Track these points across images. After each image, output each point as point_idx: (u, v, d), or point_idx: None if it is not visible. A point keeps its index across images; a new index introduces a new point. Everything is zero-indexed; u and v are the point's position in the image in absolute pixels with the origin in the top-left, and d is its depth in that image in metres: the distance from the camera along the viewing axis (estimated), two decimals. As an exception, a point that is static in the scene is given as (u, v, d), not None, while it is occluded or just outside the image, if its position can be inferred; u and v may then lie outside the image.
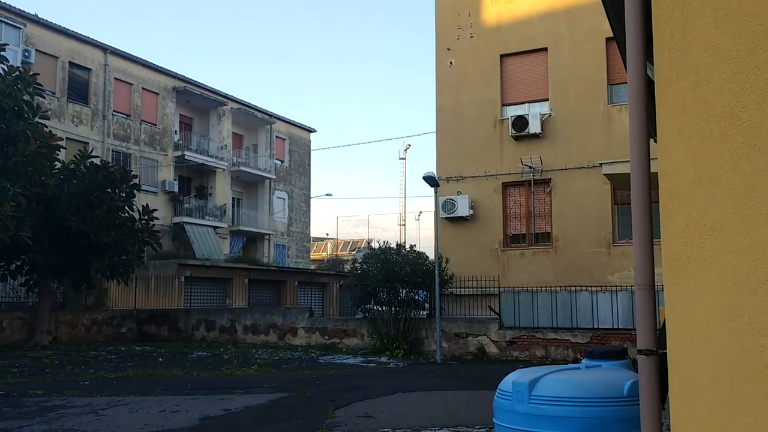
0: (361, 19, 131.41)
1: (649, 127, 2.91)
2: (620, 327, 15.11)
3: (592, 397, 3.78)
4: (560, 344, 15.31)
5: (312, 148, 45.53)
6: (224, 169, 36.62)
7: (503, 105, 19.65)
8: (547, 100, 19.15)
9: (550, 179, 18.73)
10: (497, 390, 4.16)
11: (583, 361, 4.32)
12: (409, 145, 61.15)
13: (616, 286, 16.23)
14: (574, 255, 18.04)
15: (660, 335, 2.81)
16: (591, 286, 16.08)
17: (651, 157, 2.92)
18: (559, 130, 18.75)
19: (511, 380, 4.03)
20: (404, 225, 57.94)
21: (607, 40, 17.89)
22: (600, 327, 15.34)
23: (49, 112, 19.13)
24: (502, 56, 19.75)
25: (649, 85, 2.90)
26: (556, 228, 18.55)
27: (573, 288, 16.05)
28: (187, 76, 34.93)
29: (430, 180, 15.73)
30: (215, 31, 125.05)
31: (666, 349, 2.43)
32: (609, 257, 17.75)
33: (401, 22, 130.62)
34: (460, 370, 13.63)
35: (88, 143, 27.75)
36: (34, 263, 17.88)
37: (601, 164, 15.69)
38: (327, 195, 52.94)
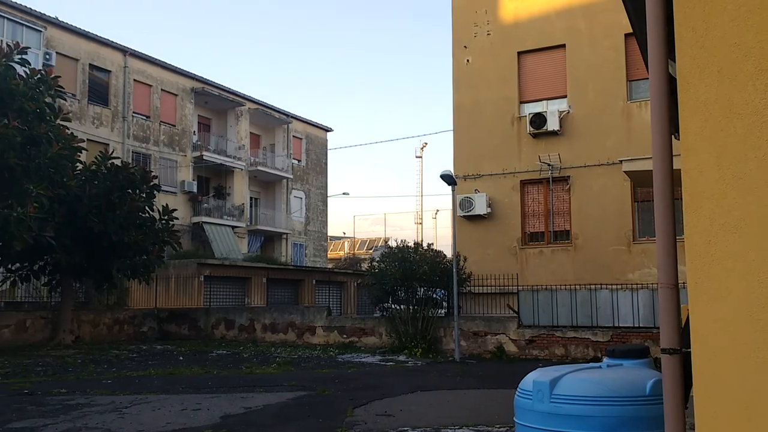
0: (377, 17, 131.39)
1: (671, 124, 2.89)
2: (641, 325, 15.00)
3: (614, 396, 3.76)
4: (580, 343, 15.22)
5: (329, 148, 45.70)
6: (242, 169, 36.82)
7: (521, 102, 19.56)
8: (565, 97, 19.04)
9: (568, 177, 18.62)
10: (518, 389, 4.15)
11: (605, 359, 4.30)
12: (426, 144, 60.95)
13: (636, 284, 16.10)
14: (594, 253, 17.92)
15: (683, 334, 2.79)
16: (611, 284, 15.97)
17: (673, 154, 2.90)
18: (578, 127, 18.63)
19: (531, 379, 4.02)
20: (421, 223, 57.91)
21: (626, 35, 17.75)
22: (620, 325, 15.23)
23: (71, 114, 19.35)
24: (519, 53, 19.66)
25: (670, 82, 2.88)
26: (575, 226, 18.44)
27: (593, 286, 15.94)
28: (205, 77, 35.19)
29: (447, 178, 15.71)
30: (232, 31, 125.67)
31: (689, 347, 2.41)
32: (629, 255, 17.61)
33: (417, 20, 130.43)
34: (479, 369, 13.60)
35: (108, 144, 28.04)
36: (57, 263, 18.10)
37: (621, 161, 15.57)
38: (344, 194, 53.07)
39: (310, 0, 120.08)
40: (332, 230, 52.20)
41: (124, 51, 30.80)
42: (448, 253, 19.09)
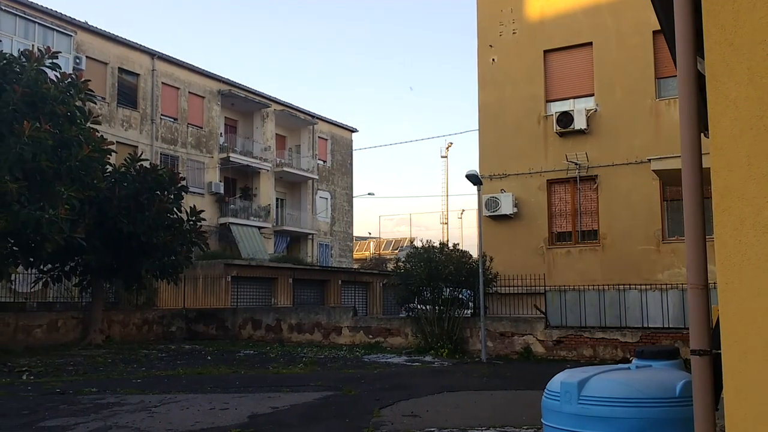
0: (402, 17, 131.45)
1: (700, 123, 2.86)
2: (670, 326, 14.80)
3: (643, 397, 3.72)
4: (609, 344, 15.06)
5: (354, 148, 45.83)
6: (268, 170, 37.09)
7: (547, 101, 19.42)
8: (592, 95, 18.86)
9: (596, 176, 18.44)
10: (545, 390, 4.13)
11: (634, 360, 4.25)
12: (451, 143, 60.95)
13: (666, 284, 15.88)
14: (623, 253, 17.73)
15: (713, 335, 2.76)
16: (640, 285, 15.77)
17: (702, 153, 2.86)
18: (606, 125, 18.45)
19: (559, 380, 4.00)
20: (447, 223, 57.82)
21: (654, 33, 17.54)
22: (650, 326, 15.04)
23: (100, 117, 19.63)
24: (545, 52, 19.52)
25: (699, 79, 2.84)
26: (603, 225, 18.26)
27: (621, 286, 15.77)
28: (231, 79, 35.52)
29: (472, 178, 15.65)
30: (258, 33, 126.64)
31: (720, 349, 2.38)
32: (658, 255, 17.38)
33: (442, 19, 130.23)
34: (506, 370, 13.52)
35: (137, 147, 28.46)
36: (88, 264, 18.39)
37: (649, 160, 15.39)
38: (369, 194, 53.18)
39: (335, 1, 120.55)
40: (358, 230, 52.38)
41: (152, 54, 31.21)
42: (474, 253, 19.02)
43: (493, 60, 20.18)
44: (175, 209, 19.17)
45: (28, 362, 14.10)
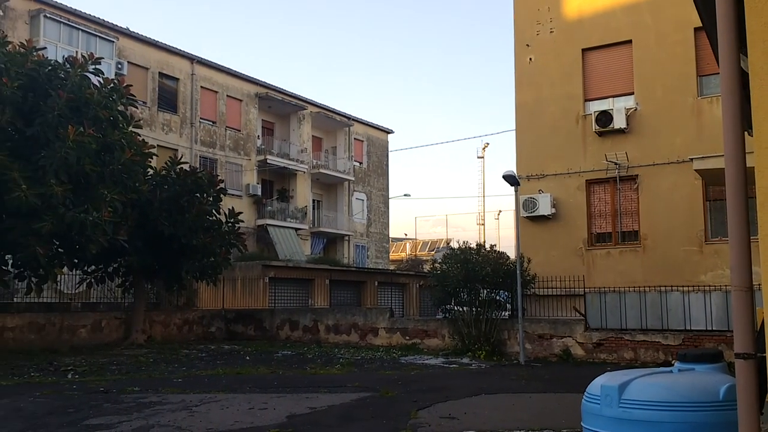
0: (437, 17, 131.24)
1: (743, 121, 2.80)
2: (714, 328, 14.46)
3: (686, 401, 3.66)
4: (650, 346, 14.79)
5: (390, 149, 45.90)
6: (305, 172, 37.38)
7: (586, 100, 19.19)
8: (632, 93, 18.56)
9: (636, 175, 18.15)
10: (585, 393, 4.09)
11: (676, 364, 4.19)
12: (488, 144, 60.57)
13: (709, 285, 15.54)
14: (664, 254, 17.40)
15: (758, 338, 2.70)
16: (682, 286, 15.45)
17: (746, 152, 2.80)
18: (646, 124, 18.14)
19: (599, 383, 3.95)
20: (483, 224, 57.49)
21: (696, 30, 17.21)
22: (692, 329, 14.72)
23: (142, 121, 20.02)
24: (584, 50, 19.29)
25: (742, 77, 2.78)
26: (644, 226, 17.95)
27: (663, 288, 15.46)
28: (268, 82, 35.91)
29: (510, 179, 15.53)
30: (293, 36, 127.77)
31: (765, 352, 2.33)
32: (701, 256, 17.03)
33: (479, 19, 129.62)
34: (545, 373, 13.38)
35: (177, 150, 28.95)
36: (130, 265, 18.77)
37: (691, 159, 15.06)
38: (405, 195, 53.14)
39: (369, 2, 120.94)
40: (394, 232, 52.46)
41: (192, 59, 31.73)
42: (512, 254, 18.88)
43: (531, 59, 20.02)
44: (214, 211, 19.45)
45: (73, 361, 14.46)
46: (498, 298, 17.16)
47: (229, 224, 19.98)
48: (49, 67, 15.15)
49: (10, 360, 14.48)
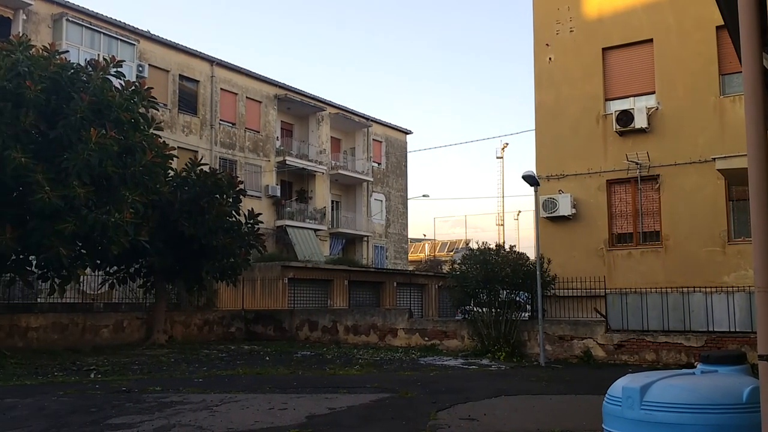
0: (455, 16, 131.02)
1: (766, 120, 2.76)
2: (737, 330, 14.28)
3: (709, 403, 3.62)
4: (672, 348, 14.64)
5: (408, 150, 45.88)
6: (323, 173, 37.49)
7: (606, 100, 19.05)
8: (653, 93, 18.40)
9: (658, 175, 17.98)
10: (606, 395, 4.06)
11: (698, 365, 4.15)
12: (507, 144, 60.23)
13: (732, 286, 15.35)
14: (686, 254, 17.22)
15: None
16: (705, 287, 15.28)
17: (770, 152, 2.76)
18: (667, 123, 17.97)
19: (621, 385, 3.92)
20: (503, 225, 57.29)
21: (718, 28, 17.02)
22: (715, 330, 14.54)
23: (162, 123, 20.21)
24: (604, 49, 19.16)
25: (765, 76, 2.75)
26: (665, 226, 17.78)
27: (685, 289, 15.30)
28: (287, 83, 36.06)
29: (529, 179, 15.45)
30: (312, 37, 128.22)
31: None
32: (724, 256, 16.82)
33: (497, 19, 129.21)
34: (565, 374, 13.30)
35: (197, 151, 29.16)
36: (151, 266, 18.94)
37: (714, 159, 14.90)
38: (424, 196, 53.00)
39: (387, 3, 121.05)
40: (412, 232, 52.41)
41: (211, 61, 31.96)
42: (531, 255, 18.78)
43: (550, 59, 19.91)
44: (233, 212, 19.56)
45: (95, 361, 14.63)
46: (518, 299, 17.07)
47: (249, 225, 20.09)
48: (72, 71, 15.33)
49: (34, 359, 14.69)
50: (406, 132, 45.67)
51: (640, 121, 17.93)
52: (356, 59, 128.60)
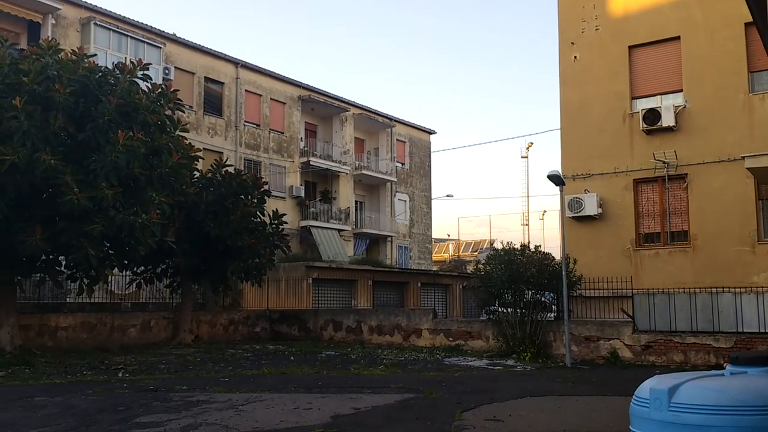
0: (479, 16, 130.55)
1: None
2: (767, 331, 14.05)
3: (738, 405, 3.57)
4: (701, 349, 14.43)
5: (432, 150, 45.80)
6: (347, 173, 37.57)
7: (632, 98, 18.85)
8: (680, 91, 18.17)
9: (686, 174, 17.75)
10: (633, 396, 4.02)
11: (728, 367, 4.09)
12: (531, 143, 59.79)
13: (762, 287, 15.10)
14: (715, 254, 16.97)
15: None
16: (734, 287, 15.05)
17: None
18: (695, 122, 17.73)
19: (648, 386, 3.88)
20: (527, 225, 57.00)
21: (746, 25, 16.75)
22: (744, 331, 14.31)
23: (188, 125, 20.37)
24: (630, 47, 18.97)
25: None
26: (694, 226, 17.54)
27: (714, 289, 15.08)
28: (310, 84, 36.21)
29: (555, 178, 15.34)
30: (335, 38, 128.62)
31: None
32: (754, 256, 16.55)
33: (522, 17, 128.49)
34: (592, 375, 13.17)
35: (222, 153, 29.42)
36: (177, 266, 19.14)
37: (743, 157, 14.66)
38: (448, 196, 52.91)
39: (411, 3, 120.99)
40: (436, 232, 52.32)
41: (236, 63, 32.21)
42: (557, 255, 18.64)
43: (576, 57, 19.76)
44: (258, 213, 19.69)
45: (123, 360, 14.82)
46: (543, 299, 16.96)
47: (273, 225, 20.21)
48: (100, 74, 15.54)
49: (63, 358, 14.93)
50: (430, 132, 45.60)
51: (667, 120, 17.71)
52: (380, 59, 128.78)
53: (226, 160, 21.81)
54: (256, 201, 19.68)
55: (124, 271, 18.77)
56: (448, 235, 65.51)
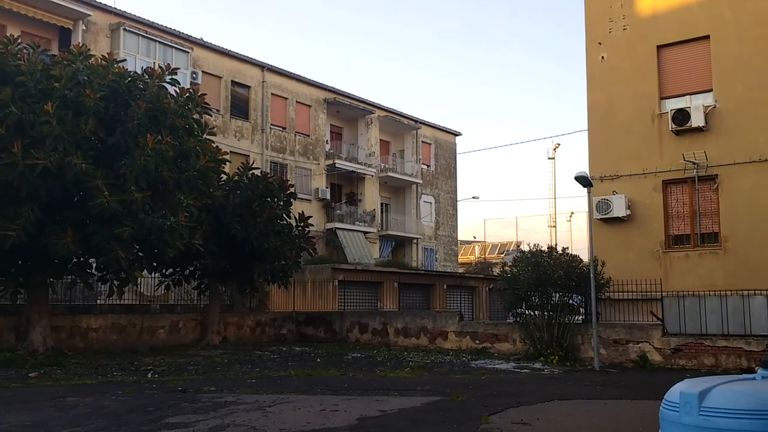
0: (505, 16, 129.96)
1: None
2: (801, 335, 13.77)
3: (771, 410, 3.50)
4: (732, 352, 14.20)
5: (458, 152, 45.68)
6: (372, 176, 37.64)
7: (661, 98, 18.62)
8: (710, 90, 17.90)
9: (716, 175, 17.47)
10: (663, 400, 3.97)
11: (759, 370, 4.02)
12: (558, 144, 59.27)
13: (796, 290, 14.79)
14: (746, 256, 16.68)
15: None
16: (766, 290, 14.77)
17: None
18: (726, 122, 17.45)
19: (678, 390, 3.83)
20: (555, 227, 56.45)
21: (779, 21, 16.44)
22: (777, 334, 14.05)
23: (215, 129, 20.57)
24: (659, 47, 18.75)
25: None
26: (724, 227, 17.26)
27: (745, 292, 14.81)
28: (336, 87, 36.35)
29: (582, 180, 15.20)
30: (361, 41, 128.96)
31: None
32: (787, 259, 16.22)
33: (548, 18, 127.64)
34: (621, 379, 13.03)
35: (249, 156, 29.65)
36: (205, 268, 19.33)
37: (775, 157, 14.41)
38: (474, 198, 52.63)
39: (435, 4, 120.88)
40: (462, 234, 52.07)
41: (262, 67, 32.47)
42: (584, 257, 18.46)
43: (603, 57, 19.57)
44: (284, 215, 19.81)
45: (152, 361, 15.01)
46: (571, 302, 16.81)
47: (300, 228, 20.31)
48: (129, 79, 15.77)
49: (94, 359, 15.16)
50: (456, 134, 45.50)
51: (696, 120, 17.46)
52: (405, 62, 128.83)
53: (253, 162, 21.97)
54: (282, 203, 19.80)
55: (153, 273, 18.99)
56: (474, 237, 65.23)
